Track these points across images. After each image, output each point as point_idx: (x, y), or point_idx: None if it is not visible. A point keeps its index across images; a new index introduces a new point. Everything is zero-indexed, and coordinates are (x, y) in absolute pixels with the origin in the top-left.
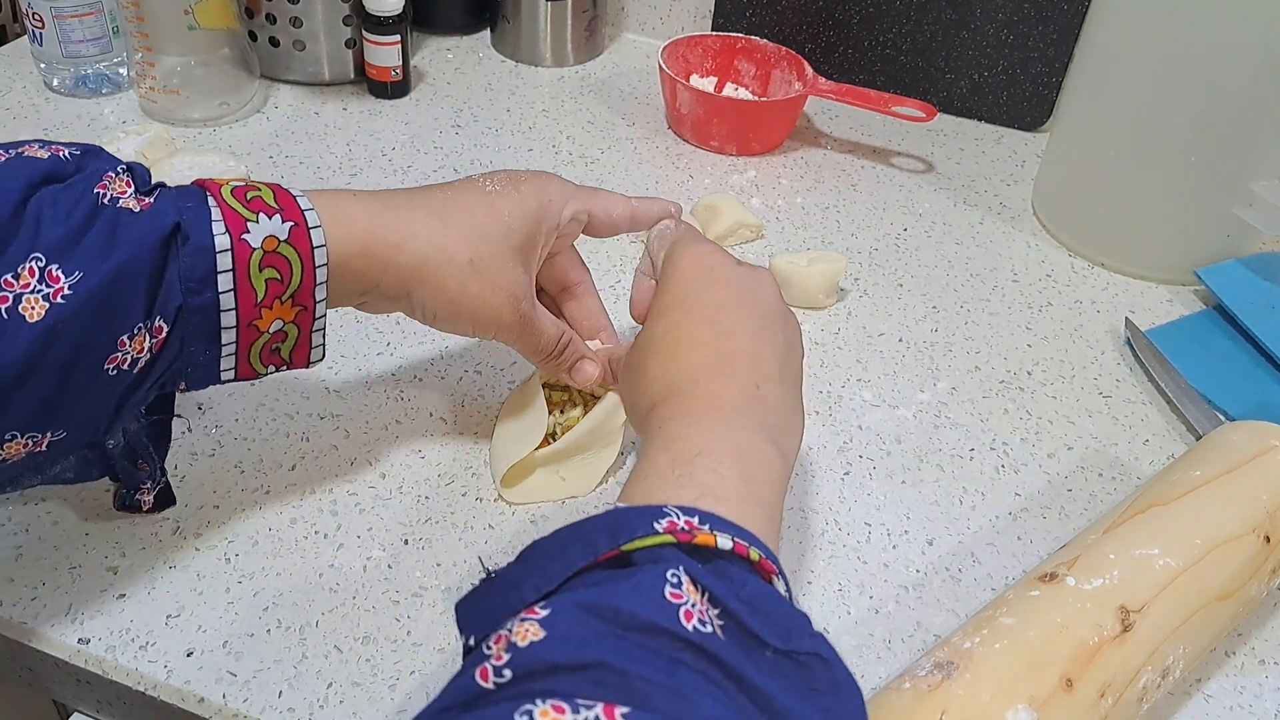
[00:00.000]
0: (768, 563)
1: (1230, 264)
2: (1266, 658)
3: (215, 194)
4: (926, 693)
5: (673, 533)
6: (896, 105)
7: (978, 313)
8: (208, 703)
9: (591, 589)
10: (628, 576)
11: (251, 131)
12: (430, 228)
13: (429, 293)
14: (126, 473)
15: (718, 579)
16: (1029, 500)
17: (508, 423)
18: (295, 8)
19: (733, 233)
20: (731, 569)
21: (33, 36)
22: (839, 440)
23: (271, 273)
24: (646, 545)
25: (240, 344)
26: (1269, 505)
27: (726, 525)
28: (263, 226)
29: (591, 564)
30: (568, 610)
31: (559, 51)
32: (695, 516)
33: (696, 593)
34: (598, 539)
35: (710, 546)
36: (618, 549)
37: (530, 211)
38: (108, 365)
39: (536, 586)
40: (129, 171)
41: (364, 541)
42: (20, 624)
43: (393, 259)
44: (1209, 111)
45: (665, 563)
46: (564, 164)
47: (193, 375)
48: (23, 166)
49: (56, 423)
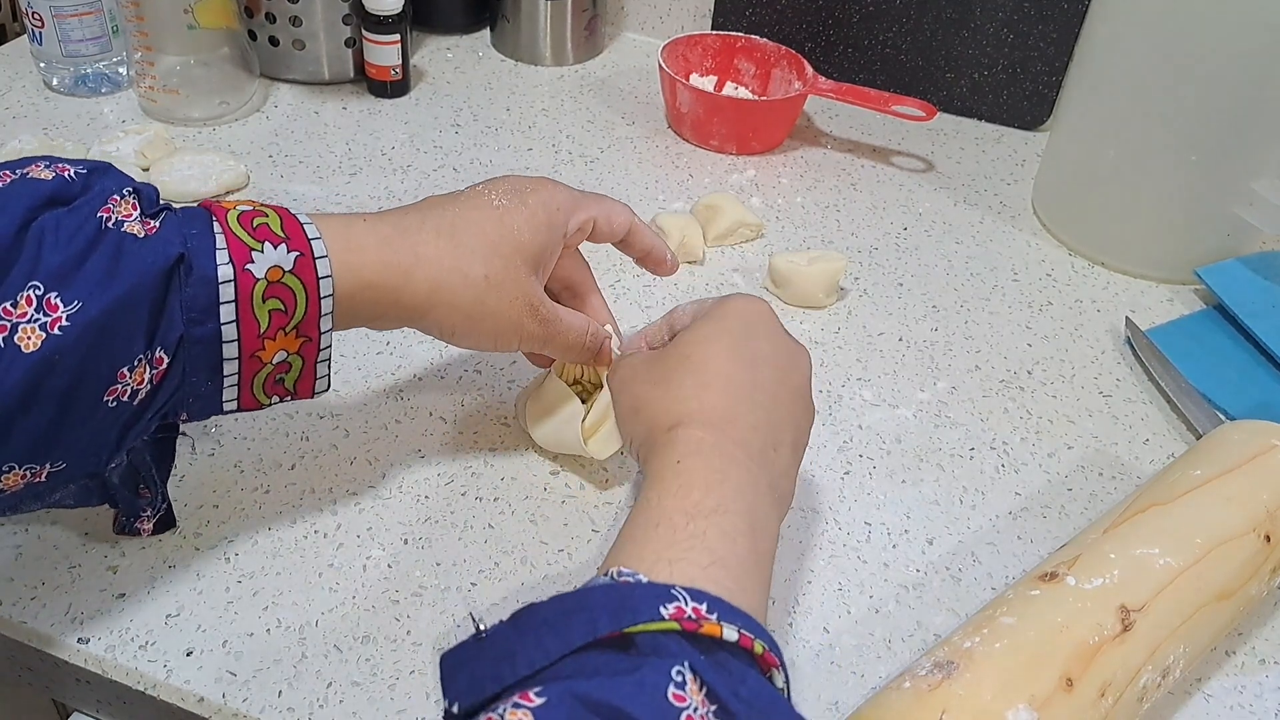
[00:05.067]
0: (770, 655)
1: (1230, 263)
2: (1266, 657)
3: (221, 220)
4: (927, 692)
5: (679, 620)
6: (896, 104)
7: (978, 312)
8: (207, 702)
9: (591, 680)
10: (630, 671)
11: (251, 131)
12: (442, 249)
13: (445, 313)
14: (126, 501)
15: (719, 673)
16: (1029, 500)
17: (545, 420)
18: (295, 7)
19: (733, 232)
20: (733, 661)
21: (32, 36)
22: (839, 440)
23: (275, 303)
24: (650, 630)
25: (243, 375)
26: (1269, 504)
27: (734, 614)
28: (267, 256)
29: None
30: (565, 702)
31: (559, 51)
32: (704, 604)
33: (698, 692)
34: (599, 617)
35: (715, 637)
36: (620, 632)
37: (540, 224)
38: (107, 397)
39: (531, 661)
40: (135, 194)
41: (364, 541)
42: (20, 624)
43: (405, 285)
44: (1209, 111)
45: (670, 657)
46: (564, 163)
47: (194, 406)
48: (25, 189)
49: (55, 454)
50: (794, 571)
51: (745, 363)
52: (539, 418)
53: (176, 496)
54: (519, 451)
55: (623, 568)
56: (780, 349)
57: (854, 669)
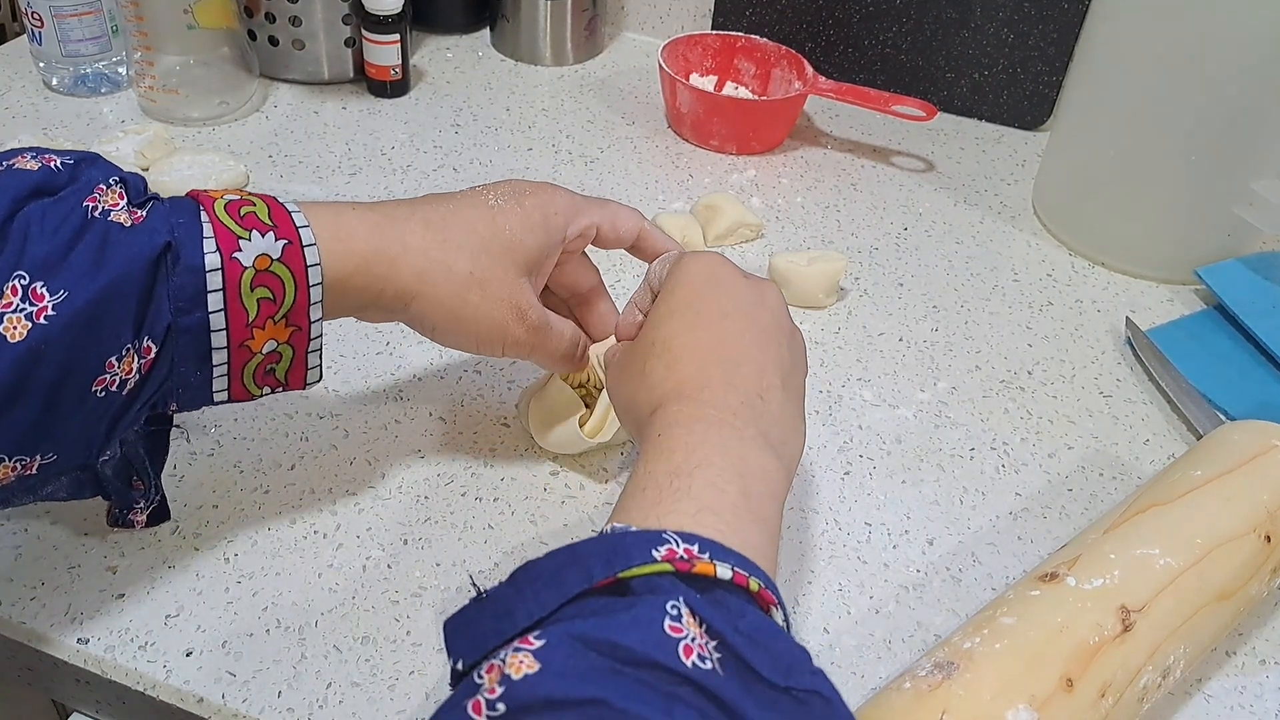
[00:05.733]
0: (767, 593)
1: (1230, 263)
2: (1267, 657)
3: (209, 209)
4: (927, 693)
5: (671, 561)
6: (896, 104)
7: (978, 312)
8: (207, 703)
9: (588, 620)
10: (626, 608)
11: (251, 131)
12: (429, 241)
13: (427, 305)
14: (120, 493)
15: (716, 609)
16: (1029, 500)
17: (551, 426)
18: (294, 7)
19: (733, 232)
20: (730, 598)
21: (32, 36)
22: (839, 440)
23: (264, 292)
24: (644, 574)
25: (232, 365)
26: (1269, 505)
27: (726, 553)
28: (255, 244)
29: (586, 590)
30: (564, 642)
31: (559, 50)
32: (695, 544)
33: (696, 625)
34: (593, 565)
35: (709, 575)
36: (614, 577)
37: (534, 226)
38: (95, 387)
39: (529, 613)
40: (122, 183)
41: (363, 541)
42: (20, 624)
43: (391, 273)
44: (1209, 111)
45: (664, 593)
46: (564, 163)
47: (184, 396)
48: (11, 179)
49: (45, 445)
50: (794, 572)
51: (706, 325)
52: (544, 424)
53: (176, 497)
54: (519, 451)
55: (615, 524)
56: (741, 296)
57: (854, 669)
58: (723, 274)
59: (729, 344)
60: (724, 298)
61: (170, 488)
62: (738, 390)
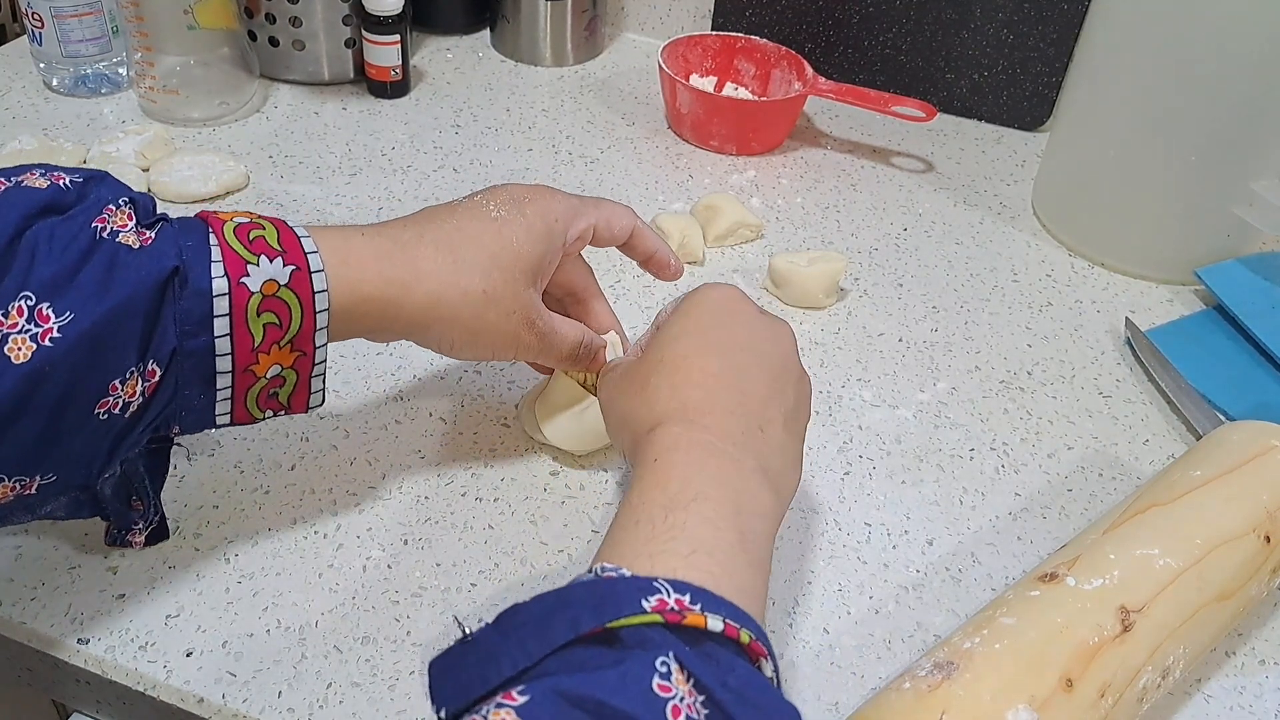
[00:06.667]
0: (758, 644)
1: (1230, 264)
2: (1266, 658)
3: (218, 232)
4: (927, 693)
5: (662, 612)
6: (896, 105)
7: (978, 313)
8: (207, 703)
9: (574, 675)
10: (614, 663)
11: (251, 131)
12: (441, 264)
13: (445, 328)
14: (118, 514)
15: (705, 664)
16: (1029, 500)
17: (557, 416)
18: (295, 7)
19: (732, 232)
20: (720, 651)
21: (32, 36)
22: (839, 440)
23: (270, 317)
24: (633, 624)
25: (236, 389)
26: (1269, 505)
27: (718, 604)
28: (263, 270)
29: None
30: (548, 699)
31: (559, 51)
32: (687, 594)
33: (685, 683)
34: (581, 614)
35: (700, 628)
36: (603, 627)
37: (538, 234)
38: (98, 409)
39: (514, 662)
40: (131, 203)
41: (363, 541)
42: (20, 624)
43: (404, 300)
44: (1209, 111)
45: (653, 648)
46: (564, 164)
47: (186, 419)
48: (19, 197)
49: (45, 466)
50: (794, 572)
51: (718, 352)
52: (550, 415)
53: (176, 497)
54: (519, 452)
55: (605, 564)
56: (755, 330)
57: (854, 670)
58: (740, 307)
59: (739, 374)
60: (740, 330)
61: (170, 487)
62: (740, 419)
